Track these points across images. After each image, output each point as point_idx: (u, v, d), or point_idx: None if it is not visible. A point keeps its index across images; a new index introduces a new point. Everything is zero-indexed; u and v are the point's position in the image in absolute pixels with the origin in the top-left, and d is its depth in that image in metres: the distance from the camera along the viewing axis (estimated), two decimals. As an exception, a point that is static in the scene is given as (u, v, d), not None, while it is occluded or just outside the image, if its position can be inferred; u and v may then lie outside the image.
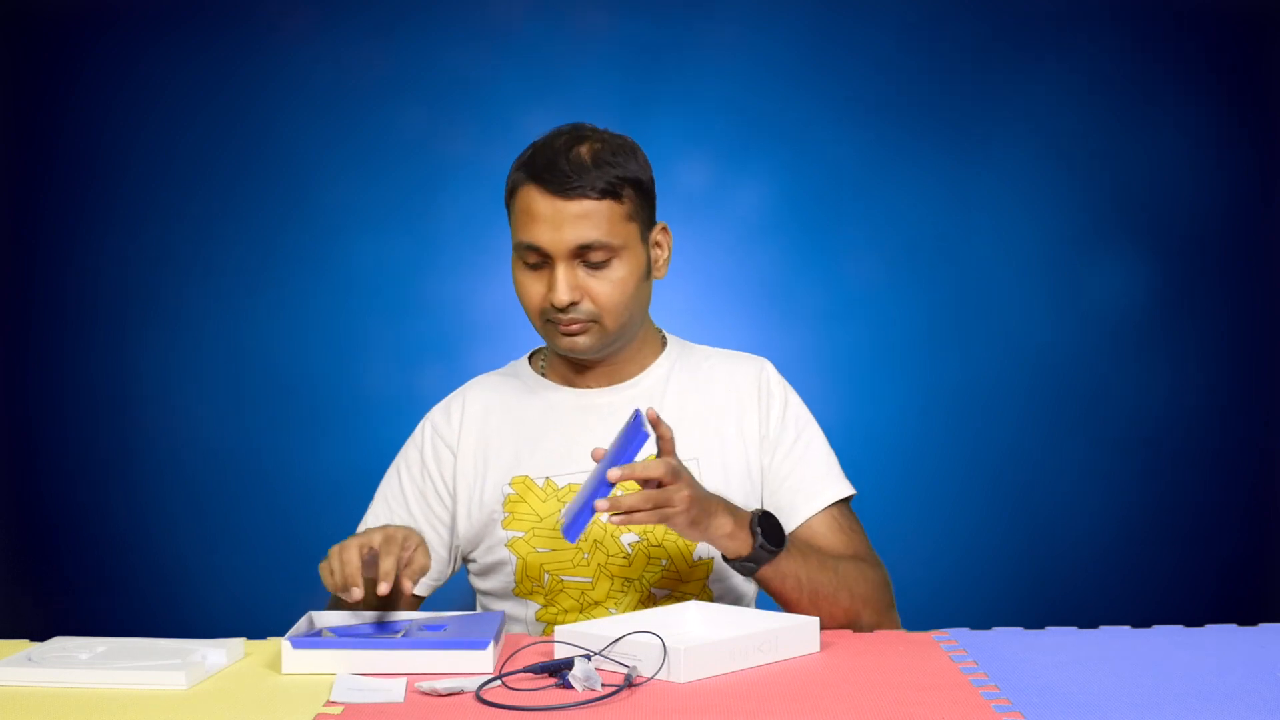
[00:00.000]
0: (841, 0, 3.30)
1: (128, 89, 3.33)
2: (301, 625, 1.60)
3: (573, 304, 1.77)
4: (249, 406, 3.36)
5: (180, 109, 3.32)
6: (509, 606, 1.88)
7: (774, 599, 1.75)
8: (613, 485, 1.54)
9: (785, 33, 3.30)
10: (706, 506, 1.61)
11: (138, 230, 3.36)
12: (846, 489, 1.88)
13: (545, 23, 3.31)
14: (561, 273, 1.76)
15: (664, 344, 1.93)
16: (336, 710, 1.34)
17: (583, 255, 1.76)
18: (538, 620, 1.86)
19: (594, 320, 1.79)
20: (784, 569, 1.68)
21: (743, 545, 1.65)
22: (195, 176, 3.34)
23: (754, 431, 1.86)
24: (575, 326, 1.79)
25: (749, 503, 1.84)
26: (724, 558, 1.69)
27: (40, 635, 1.65)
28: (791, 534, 1.79)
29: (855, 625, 1.73)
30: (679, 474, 1.59)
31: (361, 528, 1.89)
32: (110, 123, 3.34)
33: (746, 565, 1.66)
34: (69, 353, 3.37)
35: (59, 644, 1.57)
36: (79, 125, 3.35)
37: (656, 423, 1.60)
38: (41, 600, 3.39)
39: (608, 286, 1.78)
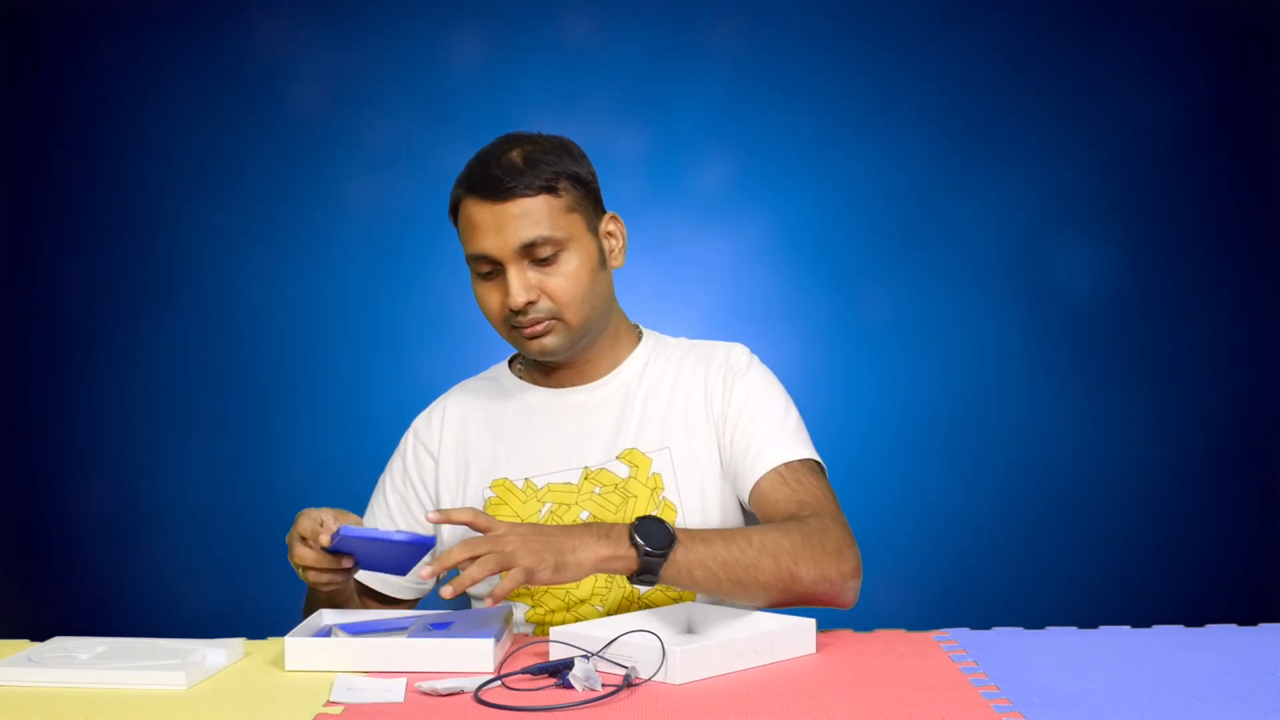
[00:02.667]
0: (833, 9, 3.30)
1: (128, 89, 3.33)
2: (311, 622, 1.60)
3: (530, 304, 1.76)
4: (248, 407, 3.36)
5: (180, 109, 3.33)
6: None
7: (697, 593, 1.67)
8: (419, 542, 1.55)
9: (781, 39, 3.30)
10: (557, 541, 1.53)
11: (136, 230, 3.36)
12: (800, 452, 1.78)
13: (549, 24, 3.31)
14: (513, 274, 1.76)
15: (639, 338, 1.92)
16: (336, 710, 1.34)
17: (530, 254, 1.76)
18: (528, 621, 1.85)
19: (555, 318, 1.78)
20: (686, 562, 1.57)
21: (631, 559, 1.55)
22: (195, 176, 3.34)
23: (718, 413, 1.85)
24: (539, 328, 1.78)
25: (724, 493, 1.82)
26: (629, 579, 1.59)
27: (40, 635, 1.65)
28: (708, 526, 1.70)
29: (796, 586, 1.62)
30: (494, 522, 1.55)
31: None
32: (110, 123, 3.34)
33: (645, 578, 1.56)
34: (68, 354, 3.37)
35: (59, 644, 1.57)
36: (79, 125, 3.35)
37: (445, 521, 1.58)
38: (41, 600, 3.39)
39: (561, 280, 1.77)
